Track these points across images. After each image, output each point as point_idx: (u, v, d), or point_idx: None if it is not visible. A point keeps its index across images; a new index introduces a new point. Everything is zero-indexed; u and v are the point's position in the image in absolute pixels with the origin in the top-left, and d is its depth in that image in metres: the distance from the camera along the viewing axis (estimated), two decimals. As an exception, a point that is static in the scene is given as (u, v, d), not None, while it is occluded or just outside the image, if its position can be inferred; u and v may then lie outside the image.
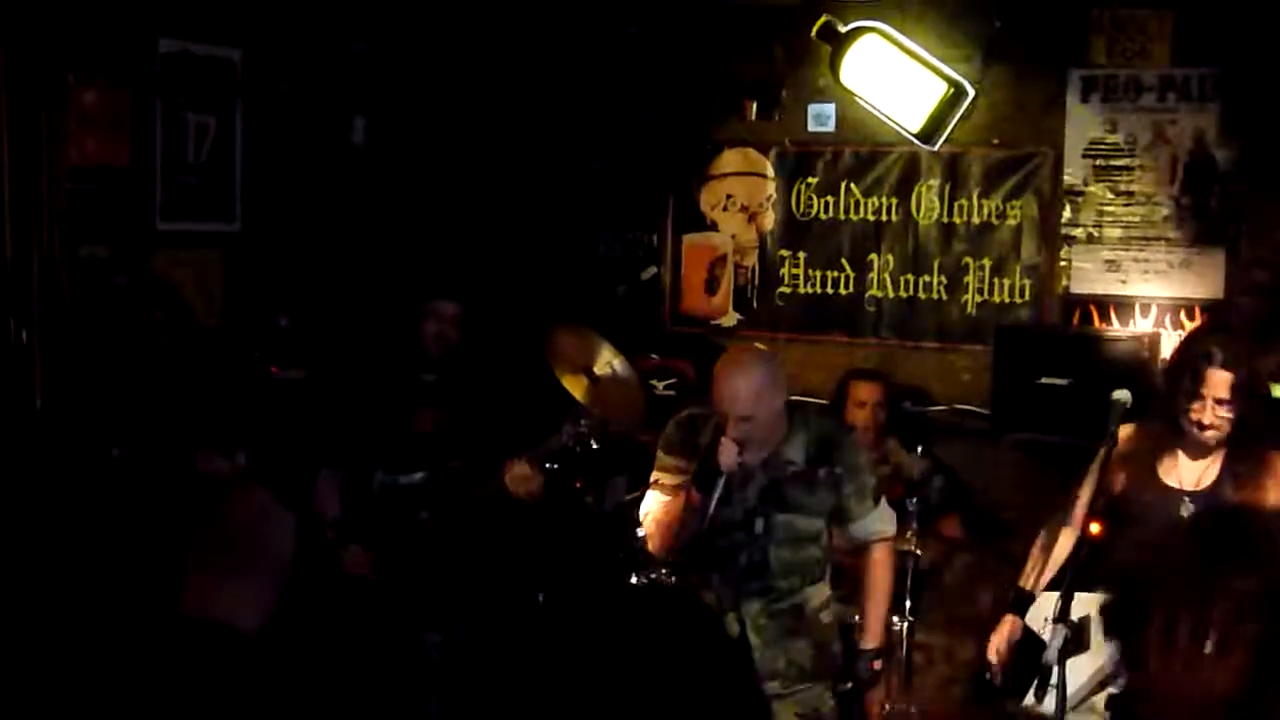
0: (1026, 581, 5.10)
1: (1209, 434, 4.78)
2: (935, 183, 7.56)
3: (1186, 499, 4.81)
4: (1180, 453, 4.89)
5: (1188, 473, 4.88)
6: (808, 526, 4.92)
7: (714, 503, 4.73)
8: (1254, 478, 4.78)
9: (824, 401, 7.03)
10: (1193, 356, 4.93)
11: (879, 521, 5.05)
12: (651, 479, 5.08)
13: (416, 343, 5.47)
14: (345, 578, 5.47)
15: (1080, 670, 4.65)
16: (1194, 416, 4.77)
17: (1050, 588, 4.98)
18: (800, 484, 4.89)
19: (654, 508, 5.01)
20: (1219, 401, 4.74)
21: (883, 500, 5.11)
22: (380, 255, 7.50)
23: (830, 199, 7.82)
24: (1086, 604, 4.61)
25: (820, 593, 5.04)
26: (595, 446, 5.33)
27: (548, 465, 5.70)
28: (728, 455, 4.75)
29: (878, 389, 6.92)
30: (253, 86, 7.24)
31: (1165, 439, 4.92)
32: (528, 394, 6.21)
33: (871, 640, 5.09)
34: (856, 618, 5.77)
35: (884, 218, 7.70)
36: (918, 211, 7.61)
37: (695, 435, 4.93)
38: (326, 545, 5.45)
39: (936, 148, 7.37)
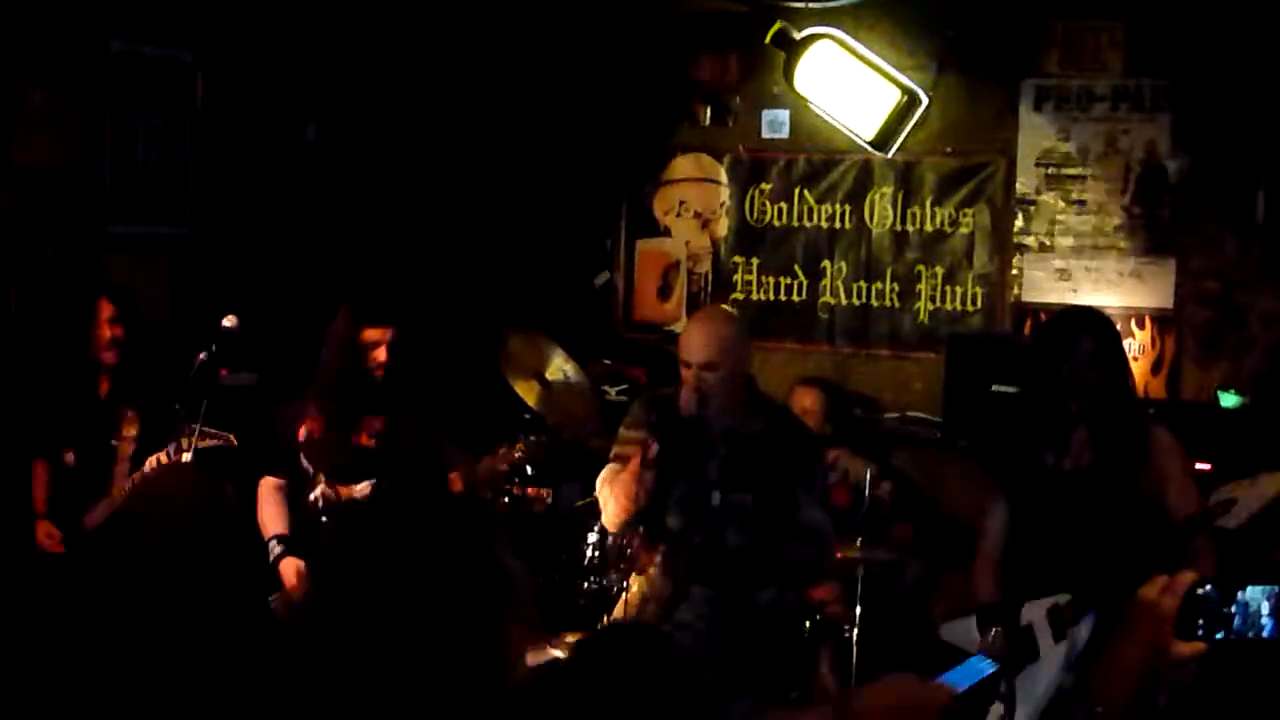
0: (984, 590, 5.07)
1: (1082, 403, 4.76)
2: (888, 190, 7.58)
3: (1062, 480, 4.80)
4: (1056, 433, 4.87)
5: (1065, 453, 4.85)
6: (763, 508, 4.86)
7: (669, 458, 4.70)
8: (1126, 450, 4.74)
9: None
10: (1054, 330, 4.95)
11: (821, 519, 5.00)
12: (611, 454, 5.04)
13: (360, 367, 5.37)
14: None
15: (1033, 684, 4.62)
16: (1065, 385, 4.75)
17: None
18: (760, 457, 4.84)
19: (611, 476, 4.96)
20: (1086, 368, 4.74)
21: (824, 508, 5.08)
22: (331, 259, 7.45)
23: (784, 206, 7.83)
24: (1030, 611, 4.61)
25: (770, 590, 4.98)
26: (531, 473, 5.27)
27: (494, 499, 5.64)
28: (688, 400, 4.72)
29: (817, 395, 6.86)
30: (203, 88, 7.19)
31: (1040, 424, 4.90)
32: (477, 400, 6.19)
33: None
34: (808, 624, 5.77)
35: (837, 225, 7.71)
36: (871, 219, 7.63)
37: (659, 412, 4.90)
38: (268, 564, 5.34)
39: (890, 155, 7.39)
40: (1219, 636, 2.23)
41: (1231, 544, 4.50)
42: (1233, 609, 2.22)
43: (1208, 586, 2.23)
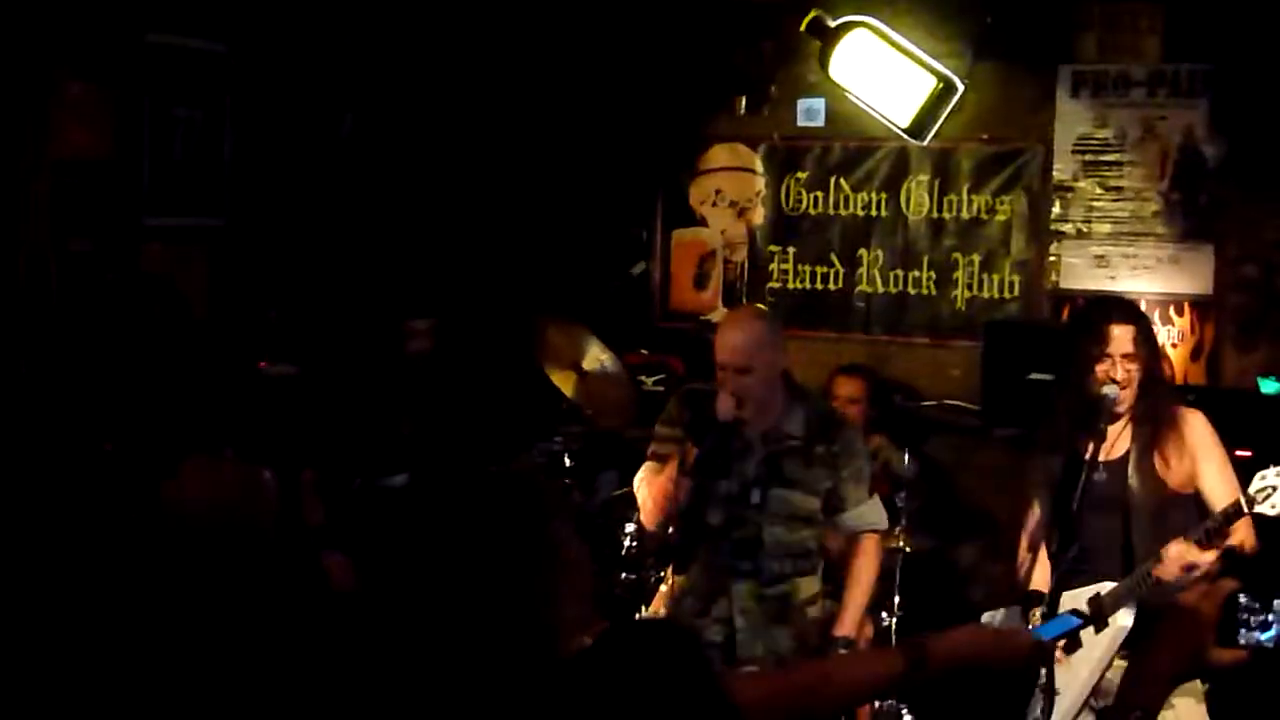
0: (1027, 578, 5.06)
1: (1120, 392, 4.74)
2: (925, 178, 7.55)
3: (1099, 470, 4.78)
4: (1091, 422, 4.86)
5: (1101, 442, 4.83)
6: (803, 504, 4.88)
7: (707, 461, 4.72)
8: (1163, 439, 4.74)
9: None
10: (1092, 319, 4.94)
11: (872, 513, 5.03)
12: (649, 451, 5.06)
13: (401, 354, 5.41)
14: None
15: (1074, 674, 4.61)
16: (1102, 376, 4.74)
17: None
18: (799, 458, 4.87)
19: (649, 476, 4.98)
20: (1125, 356, 4.73)
21: (875, 495, 5.10)
22: (367, 252, 7.46)
23: (820, 194, 7.81)
24: (1072, 600, 4.61)
25: (810, 586, 5.00)
26: (570, 464, 5.30)
27: None
28: (725, 404, 4.75)
29: (859, 384, 6.90)
30: (240, 81, 7.21)
31: (1077, 414, 4.88)
32: (515, 391, 6.20)
33: (843, 628, 5.00)
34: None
35: (874, 213, 7.69)
36: (907, 207, 7.60)
37: (695, 409, 4.93)
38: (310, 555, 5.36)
39: (926, 143, 7.37)
40: (1260, 642, 2.23)
41: (1273, 531, 4.48)
42: (1270, 617, 2.22)
43: (1245, 596, 2.23)
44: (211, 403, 5.71)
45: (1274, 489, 4.34)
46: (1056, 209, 7.29)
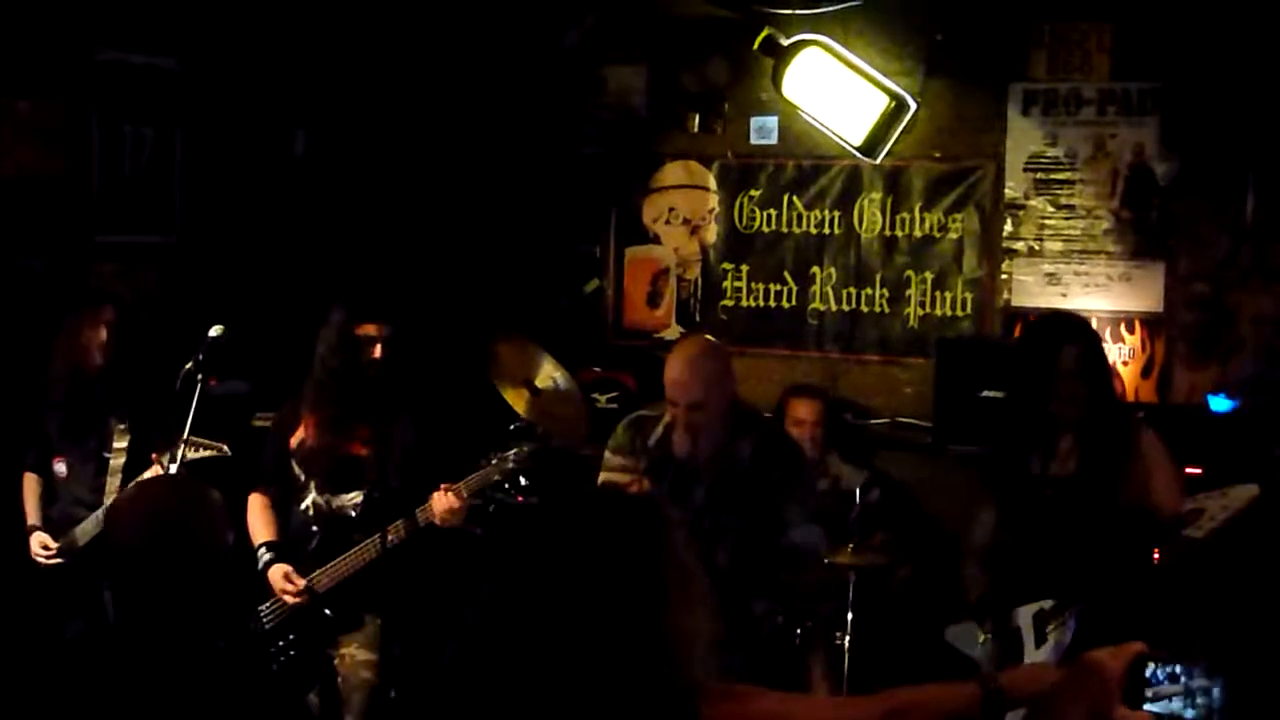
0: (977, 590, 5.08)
1: (1068, 410, 4.77)
2: (877, 196, 7.57)
3: (1050, 486, 4.81)
4: (1043, 439, 4.88)
5: (1051, 459, 4.86)
6: (751, 530, 4.88)
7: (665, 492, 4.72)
8: (1113, 456, 4.76)
9: (767, 415, 7.00)
10: (1041, 337, 4.97)
11: (811, 536, 5.03)
12: (600, 480, 5.06)
13: (355, 364, 5.35)
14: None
15: None
16: (1051, 392, 4.77)
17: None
18: (748, 482, 4.87)
19: None
20: (1073, 374, 4.75)
21: (817, 524, 5.11)
22: (320, 269, 7.43)
23: (773, 212, 7.82)
24: (1019, 616, 4.62)
25: (765, 605, 5.01)
26: (525, 484, 5.28)
27: (483, 505, 5.65)
28: (681, 443, 4.75)
29: (816, 406, 6.90)
30: (191, 97, 7.17)
31: (1027, 430, 4.90)
32: (467, 408, 6.17)
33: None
34: (798, 631, 5.77)
35: (826, 231, 7.70)
36: (860, 224, 7.62)
37: (644, 436, 4.93)
38: (257, 571, 5.35)
39: (878, 161, 7.38)
40: (1166, 709, 2.26)
41: (1197, 554, 4.50)
42: (1176, 682, 2.26)
43: (1153, 664, 2.27)
44: (162, 419, 5.68)
45: (1202, 511, 4.37)
46: (1008, 227, 7.32)
